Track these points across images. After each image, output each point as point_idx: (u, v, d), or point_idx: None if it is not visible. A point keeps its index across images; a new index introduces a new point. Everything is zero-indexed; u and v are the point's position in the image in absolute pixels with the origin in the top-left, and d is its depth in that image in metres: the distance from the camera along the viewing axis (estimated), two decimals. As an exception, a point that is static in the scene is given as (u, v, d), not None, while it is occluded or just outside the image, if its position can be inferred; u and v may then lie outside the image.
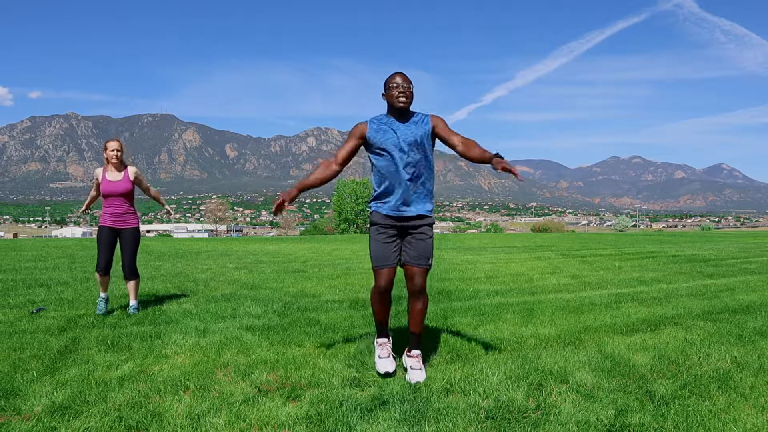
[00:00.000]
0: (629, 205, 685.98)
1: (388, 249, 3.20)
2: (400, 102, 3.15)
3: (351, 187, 67.09)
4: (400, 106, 3.16)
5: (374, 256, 3.22)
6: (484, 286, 7.19)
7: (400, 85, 3.15)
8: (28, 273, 8.70)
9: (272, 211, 3.37)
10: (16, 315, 4.98)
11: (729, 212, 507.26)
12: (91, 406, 2.69)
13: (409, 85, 3.17)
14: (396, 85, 3.15)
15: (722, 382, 3.01)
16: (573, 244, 19.79)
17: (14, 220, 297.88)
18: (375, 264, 3.21)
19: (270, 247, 17.85)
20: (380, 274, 3.20)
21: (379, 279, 3.20)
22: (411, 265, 3.21)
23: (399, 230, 3.24)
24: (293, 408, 2.67)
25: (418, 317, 3.28)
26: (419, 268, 3.21)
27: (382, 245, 3.20)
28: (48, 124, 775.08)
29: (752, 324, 4.56)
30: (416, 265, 3.21)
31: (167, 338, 4.03)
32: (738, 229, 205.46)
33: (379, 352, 3.30)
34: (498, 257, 12.87)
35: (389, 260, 3.20)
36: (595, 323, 4.62)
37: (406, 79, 3.18)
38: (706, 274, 8.79)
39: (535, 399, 2.78)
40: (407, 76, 3.20)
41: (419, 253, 3.21)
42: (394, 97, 3.15)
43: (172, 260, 11.84)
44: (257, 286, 7.27)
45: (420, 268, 3.21)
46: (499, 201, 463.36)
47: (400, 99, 3.14)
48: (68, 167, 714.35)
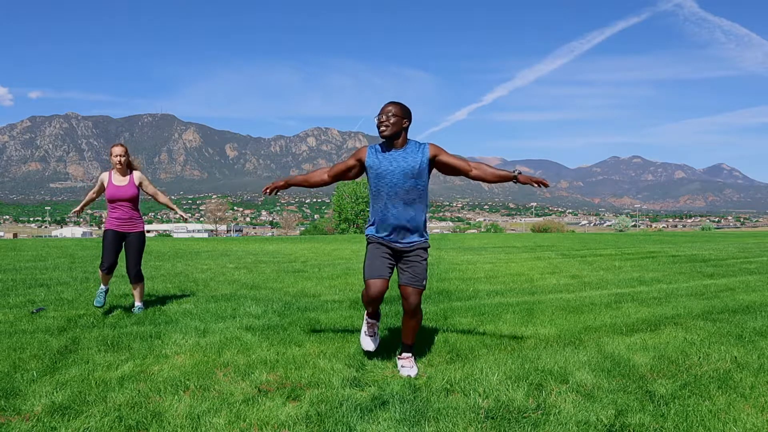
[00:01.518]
0: (629, 205, 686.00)
1: (382, 263, 3.27)
2: (380, 131, 3.22)
3: (351, 187, 67.07)
4: (381, 135, 3.23)
5: (367, 267, 3.28)
6: (484, 286, 7.19)
7: (382, 114, 3.21)
8: (28, 273, 8.70)
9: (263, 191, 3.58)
10: (16, 315, 4.98)
11: (729, 212, 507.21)
12: (91, 406, 2.69)
13: (393, 112, 3.19)
14: (379, 115, 3.23)
15: (722, 382, 3.01)
16: (573, 244, 19.79)
17: (14, 220, 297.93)
18: (367, 274, 3.25)
19: (270, 247, 17.85)
20: (371, 284, 3.23)
21: (370, 289, 3.23)
22: (406, 285, 3.30)
23: (394, 252, 3.33)
24: (293, 408, 2.67)
25: (411, 332, 3.38)
26: (414, 288, 3.29)
27: (377, 258, 3.28)
28: (48, 124, 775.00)
29: (752, 324, 4.56)
30: (411, 285, 3.29)
31: (167, 338, 4.03)
32: (738, 229, 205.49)
33: (365, 329, 3.46)
34: (498, 257, 12.87)
35: (381, 272, 3.24)
36: (595, 323, 4.62)
37: (395, 106, 3.21)
38: (706, 274, 8.79)
39: (535, 399, 2.79)
40: (398, 105, 3.22)
41: (413, 275, 3.29)
42: (377, 125, 3.25)
43: (172, 260, 11.83)
44: (257, 286, 7.27)
45: (415, 289, 3.29)
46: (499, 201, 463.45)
47: (380, 128, 3.23)
48: (68, 167, 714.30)
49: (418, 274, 3.29)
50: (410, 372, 3.19)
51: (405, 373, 3.19)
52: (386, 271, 3.26)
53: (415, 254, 3.31)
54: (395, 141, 3.25)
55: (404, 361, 3.30)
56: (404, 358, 3.31)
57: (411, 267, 3.29)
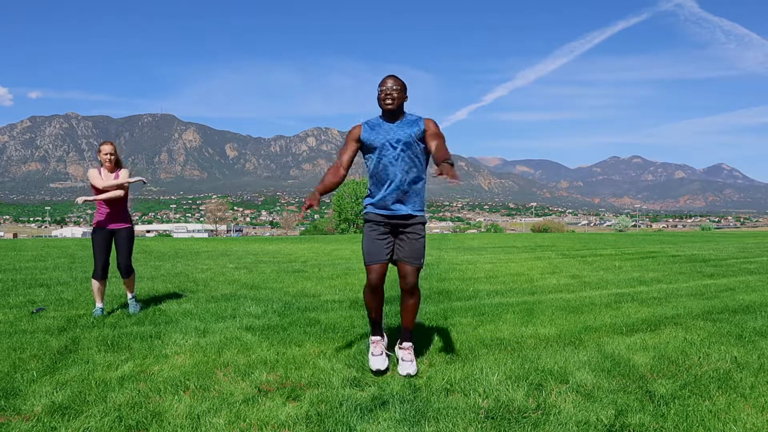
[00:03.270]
0: (629, 205, 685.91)
1: (380, 245, 3.28)
2: (386, 104, 3.28)
3: (351, 187, 67.07)
4: (387, 108, 3.29)
5: (366, 252, 3.30)
6: (484, 286, 7.19)
7: (388, 88, 3.28)
8: (28, 273, 8.70)
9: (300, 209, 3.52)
10: (16, 315, 4.98)
11: (729, 212, 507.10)
12: (91, 406, 2.69)
13: (397, 88, 3.28)
14: (384, 89, 3.29)
15: (722, 382, 3.01)
16: (573, 244, 19.78)
17: (14, 220, 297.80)
18: (367, 259, 3.29)
19: (270, 247, 17.85)
20: (371, 269, 3.27)
21: (370, 274, 3.27)
22: (403, 263, 3.32)
23: (391, 228, 3.34)
24: (293, 408, 2.67)
25: (411, 313, 3.39)
26: (411, 266, 3.31)
27: (374, 241, 3.29)
28: (48, 124, 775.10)
29: (752, 324, 4.56)
30: (408, 263, 3.31)
31: (167, 338, 4.04)
32: (738, 229, 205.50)
33: (372, 350, 3.39)
34: (498, 257, 12.87)
35: (380, 256, 3.27)
36: (595, 323, 4.62)
37: (396, 81, 3.30)
38: (706, 274, 8.79)
39: (535, 399, 2.79)
40: (398, 79, 3.32)
41: (411, 252, 3.31)
42: (381, 99, 3.30)
43: (172, 260, 11.83)
44: (257, 286, 7.27)
45: (412, 267, 3.31)
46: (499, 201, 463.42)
47: (386, 101, 3.28)
48: (68, 167, 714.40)
49: (416, 251, 3.31)
50: (409, 370, 3.18)
51: (404, 371, 3.18)
52: (384, 252, 3.28)
53: (413, 231, 3.32)
54: (396, 115, 3.32)
55: (404, 352, 3.29)
56: (404, 348, 3.31)
57: (408, 243, 3.31)
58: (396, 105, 3.28)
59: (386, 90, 3.28)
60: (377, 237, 3.30)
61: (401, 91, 3.30)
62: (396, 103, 3.28)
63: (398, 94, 3.28)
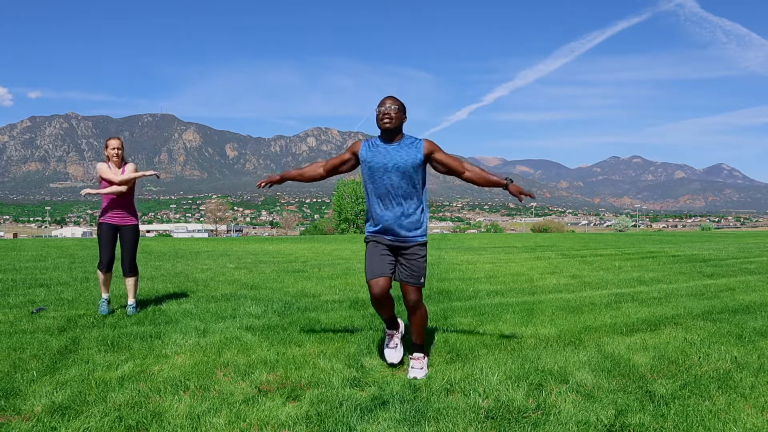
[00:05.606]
0: (629, 205, 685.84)
1: (382, 261, 3.28)
2: (384, 124, 3.28)
3: (351, 187, 67.03)
4: (385, 128, 3.29)
5: (368, 268, 3.30)
6: (484, 286, 7.19)
7: (386, 108, 3.28)
8: (28, 273, 8.69)
9: (257, 185, 3.63)
10: (16, 315, 4.98)
11: (729, 212, 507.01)
12: (91, 406, 2.69)
13: (395, 107, 3.28)
14: (382, 109, 3.29)
15: (722, 382, 3.01)
16: (573, 244, 19.78)
17: (14, 220, 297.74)
18: (368, 275, 3.28)
19: (270, 247, 17.84)
20: (373, 284, 3.25)
21: (373, 289, 3.25)
22: (404, 283, 3.33)
23: (392, 248, 3.35)
24: (293, 408, 2.67)
25: (418, 327, 3.39)
26: (412, 286, 3.32)
27: (376, 257, 3.30)
28: (48, 124, 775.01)
29: (752, 324, 4.56)
30: (409, 283, 3.32)
31: (167, 338, 4.04)
32: (738, 229, 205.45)
33: (387, 342, 3.47)
34: (498, 257, 12.87)
35: (382, 271, 3.26)
36: (595, 323, 4.62)
37: (394, 101, 3.31)
38: (706, 274, 8.79)
39: (535, 399, 2.79)
40: (396, 99, 3.33)
41: (411, 272, 3.32)
42: (379, 119, 3.30)
43: (172, 260, 11.83)
44: (257, 286, 7.27)
45: (413, 287, 3.32)
46: (499, 201, 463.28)
47: (384, 121, 3.28)
48: (68, 167, 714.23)
49: (416, 272, 3.31)
50: (417, 374, 3.17)
51: (411, 375, 3.17)
52: (387, 268, 3.27)
53: (413, 251, 3.32)
54: (393, 135, 3.31)
55: (414, 361, 3.29)
56: (415, 358, 3.30)
57: (409, 263, 3.31)
58: (394, 125, 3.27)
59: (384, 110, 3.27)
60: (380, 253, 3.30)
61: (399, 111, 3.28)
62: (394, 123, 3.26)
63: (396, 114, 3.27)
